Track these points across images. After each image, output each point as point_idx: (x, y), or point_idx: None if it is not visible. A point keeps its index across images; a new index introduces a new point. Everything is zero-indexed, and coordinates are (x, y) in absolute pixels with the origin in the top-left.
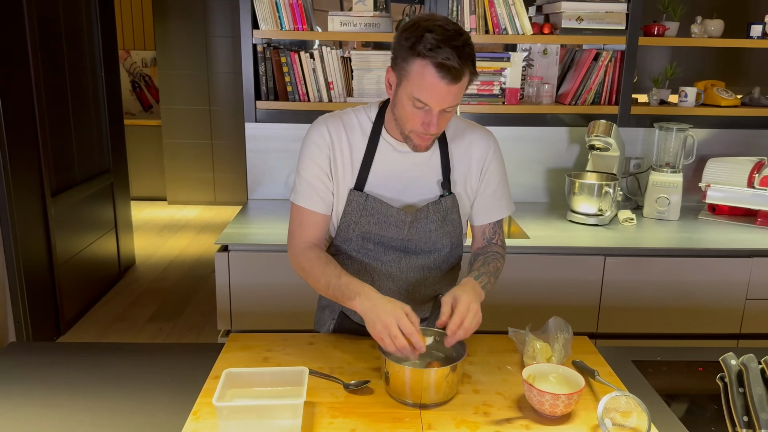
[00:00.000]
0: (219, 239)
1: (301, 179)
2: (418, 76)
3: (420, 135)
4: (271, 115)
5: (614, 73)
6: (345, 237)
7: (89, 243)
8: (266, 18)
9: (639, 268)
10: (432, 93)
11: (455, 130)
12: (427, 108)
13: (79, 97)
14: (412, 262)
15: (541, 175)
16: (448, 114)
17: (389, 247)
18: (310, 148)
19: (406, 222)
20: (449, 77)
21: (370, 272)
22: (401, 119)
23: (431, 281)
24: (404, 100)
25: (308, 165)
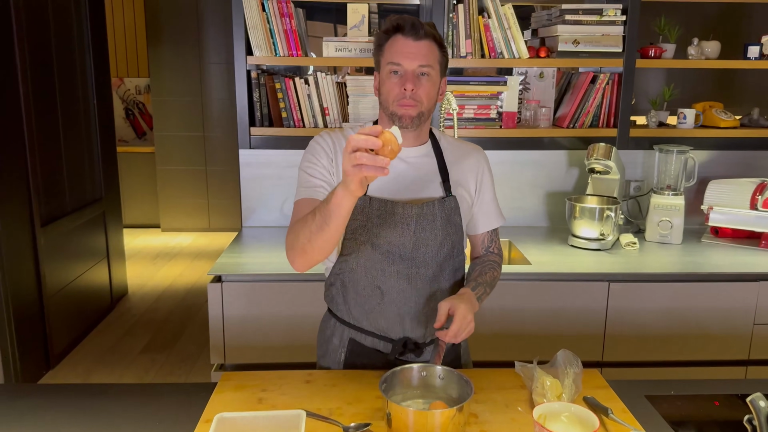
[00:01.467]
0: (212, 270)
1: (303, 178)
2: (390, 46)
3: (400, 101)
4: (266, 141)
5: (612, 96)
6: (352, 248)
7: (80, 273)
8: (260, 44)
9: (644, 294)
10: (400, 51)
11: (447, 142)
12: (402, 69)
13: (70, 125)
14: (420, 273)
15: (540, 198)
16: (424, 81)
17: (396, 256)
18: (313, 149)
19: (413, 215)
20: (412, 34)
21: (379, 287)
22: (385, 97)
23: (439, 296)
24: (384, 76)
25: (311, 164)
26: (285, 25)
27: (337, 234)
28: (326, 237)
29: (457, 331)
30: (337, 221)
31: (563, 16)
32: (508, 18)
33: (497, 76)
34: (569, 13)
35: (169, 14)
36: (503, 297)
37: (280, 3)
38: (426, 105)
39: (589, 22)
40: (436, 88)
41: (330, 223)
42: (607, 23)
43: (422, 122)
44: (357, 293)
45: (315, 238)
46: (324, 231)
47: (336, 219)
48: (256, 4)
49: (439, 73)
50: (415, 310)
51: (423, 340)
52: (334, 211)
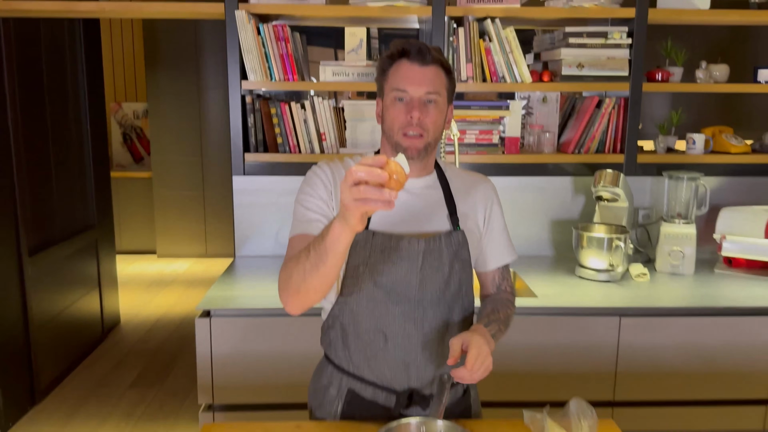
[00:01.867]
0: (200, 304)
1: (299, 212)
2: (395, 72)
3: (406, 129)
4: (261, 167)
5: (618, 121)
6: (353, 287)
7: (70, 303)
8: (255, 69)
9: (657, 329)
10: (407, 77)
11: (453, 172)
12: (407, 96)
13: (61, 151)
14: (427, 315)
15: (545, 226)
16: (431, 109)
17: (401, 296)
18: (310, 181)
19: (419, 251)
20: (418, 59)
21: (382, 330)
22: (389, 126)
23: (448, 339)
24: (388, 103)
25: (308, 197)
26: (281, 50)
27: (334, 272)
28: (322, 276)
29: (473, 364)
30: (334, 258)
31: (567, 39)
32: (510, 41)
33: (499, 101)
34: (573, 36)
35: (167, 39)
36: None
37: (276, 27)
38: (433, 134)
39: (593, 46)
40: (443, 115)
41: (326, 260)
42: (613, 46)
43: (429, 153)
44: (358, 337)
45: (310, 277)
46: (319, 269)
47: (333, 256)
48: (252, 27)
49: (446, 99)
50: (422, 356)
51: (431, 391)
52: (331, 248)
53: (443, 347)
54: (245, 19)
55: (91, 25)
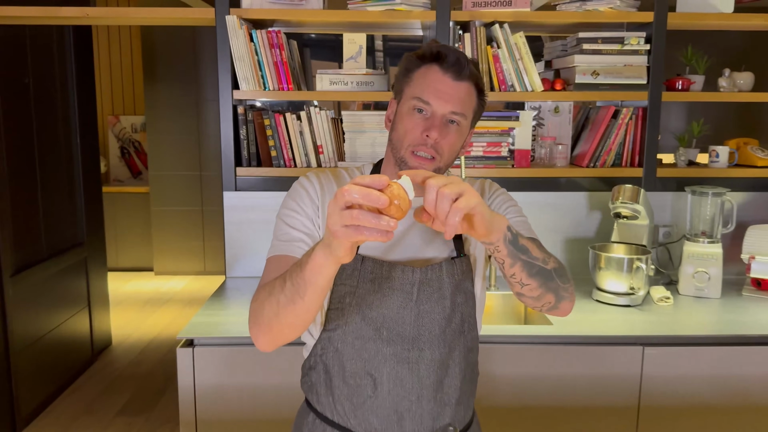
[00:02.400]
0: (183, 332)
1: (280, 229)
2: (422, 77)
3: (417, 147)
4: (253, 182)
5: (636, 132)
6: (338, 322)
7: (57, 325)
8: (247, 77)
9: (683, 359)
10: (435, 88)
11: None
12: (429, 110)
13: (49, 165)
14: (423, 357)
15: (558, 245)
16: (451, 131)
17: (394, 334)
18: (296, 194)
19: (415, 281)
20: (453, 71)
21: (371, 373)
22: (399, 137)
23: (447, 387)
24: (404, 111)
25: (291, 213)
26: (275, 57)
27: (314, 308)
28: (299, 312)
29: (436, 196)
30: (313, 293)
31: (580, 46)
32: (520, 48)
33: (508, 111)
34: (587, 41)
35: (165, 51)
36: (520, 363)
37: (270, 33)
38: (446, 159)
39: (609, 52)
40: (462, 140)
41: (304, 294)
42: (630, 53)
43: None
44: (343, 381)
45: (284, 312)
46: (296, 304)
47: (313, 290)
48: (243, 34)
49: (470, 123)
50: (417, 405)
51: None
52: (311, 280)
53: (442, 394)
54: (237, 24)
55: (82, 33)
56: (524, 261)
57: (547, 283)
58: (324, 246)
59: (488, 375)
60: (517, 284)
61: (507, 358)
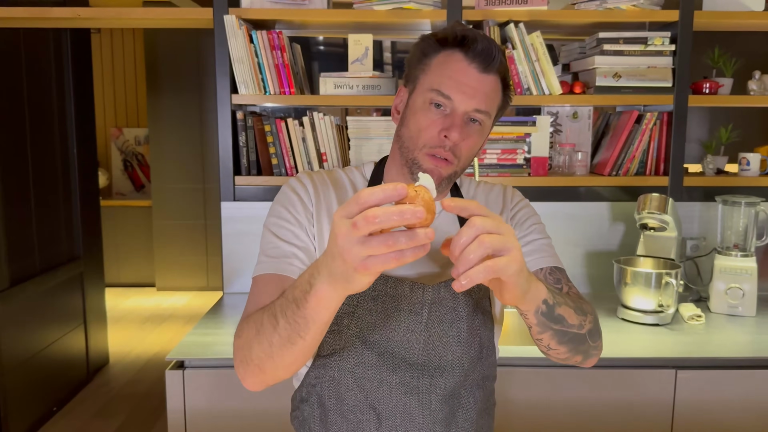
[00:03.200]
0: (172, 353)
1: (269, 242)
2: (442, 65)
3: (433, 150)
4: (253, 192)
5: (660, 138)
6: (335, 347)
7: (50, 342)
8: (247, 81)
9: (719, 384)
10: (458, 80)
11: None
12: (450, 106)
13: (44, 177)
14: (435, 386)
15: (578, 260)
16: (473, 132)
17: (400, 360)
18: (286, 199)
19: (425, 301)
20: (480, 61)
21: (374, 406)
22: (412, 135)
23: (462, 420)
24: (419, 104)
25: (282, 222)
26: (276, 59)
27: (315, 345)
28: (299, 353)
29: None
30: (317, 331)
31: (601, 46)
32: (537, 49)
33: (523, 116)
34: (608, 42)
35: (168, 63)
36: (540, 388)
37: (271, 34)
38: (463, 163)
39: (631, 53)
40: (483, 141)
41: (306, 334)
42: (654, 54)
43: (450, 183)
44: (342, 416)
45: (280, 354)
46: (296, 345)
47: (316, 327)
48: (243, 35)
49: (492, 122)
50: None
51: None
52: (314, 317)
53: (457, 429)
54: (236, 25)
55: (80, 41)
56: (556, 330)
57: (578, 347)
58: (332, 278)
59: (506, 401)
60: (544, 347)
61: (526, 383)
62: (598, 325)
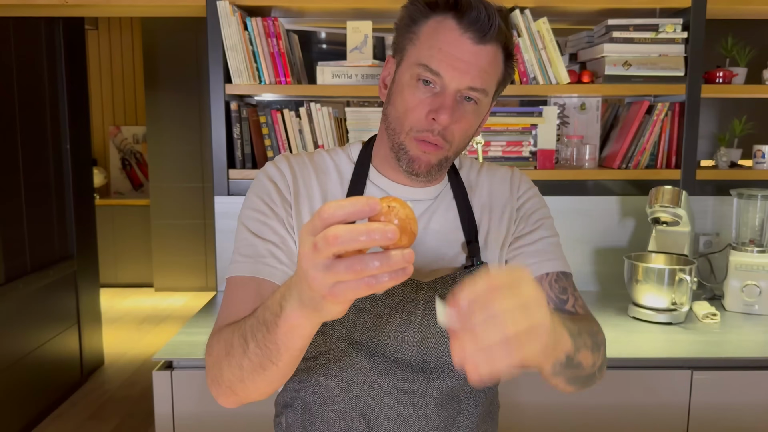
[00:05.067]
0: (159, 353)
1: (243, 238)
2: (431, 34)
3: (421, 134)
4: (247, 186)
5: (672, 130)
6: (320, 348)
7: (42, 343)
8: (240, 70)
9: (737, 385)
10: (448, 53)
11: (475, 175)
12: (439, 83)
13: (35, 175)
14: (430, 389)
15: (587, 256)
16: (467, 111)
17: (392, 362)
18: (262, 188)
19: (419, 298)
20: (475, 30)
21: (364, 412)
22: (398, 115)
23: (462, 424)
24: (405, 80)
25: (257, 215)
26: (272, 48)
27: (290, 372)
28: (272, 378)
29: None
30: (291, 357)
31: (610, 34)
32: (543, 36)
33: (529, 107)
34: (617, 29)
35: (167, 60)
36: (548, 389)
37: (266, 21)
38: (457, 147)
39: (642, 41)
40: (480, 119)
41: (278, 360)
42: (665, 41)
43: (443, 169)
44: (328, 423)
45: (251, 378)
46: (267, 370)
47: (290, 354)
48: (237, 21)
49: (491, 99)
50: None
51: None
52: (287, 344)
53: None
54: (229, 11)
55: (74, 35)
56: (569, 376)
57: (586, 383)
58: (302, 304)
59: (511, 405)
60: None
61: (533, 385)
62: (605, 349)
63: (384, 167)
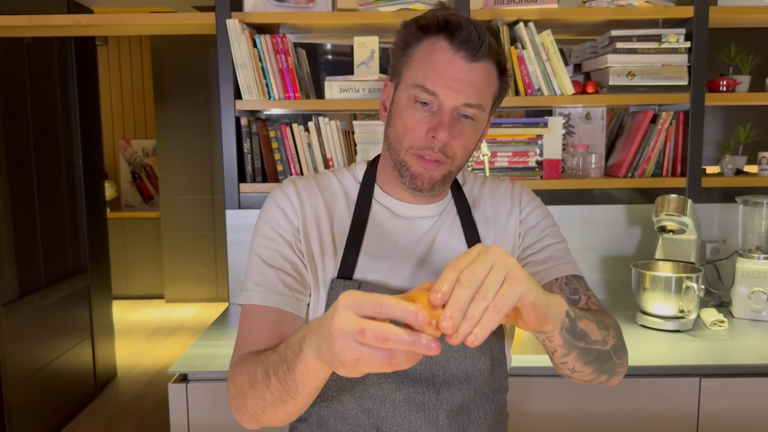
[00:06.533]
0: (175, 365)
1: (256, 266)
2: (424, 55)
3: (422, 151)
4: (258, 200)
5: (677, 138)
6: None
7: (56, 356)
8: (250, 86)
9: (746, 393)
10: (442, 73)
11: (478, 190)
12: (436, 103)
13: (49, 189)
14: (442, 402)
15: (595, 265)
16: (465, 128)
17: (403, 376)
18: (270, 216)
19: None
20: (467, 49)
21: (377, 425)
22: (398, 134)
23: None
24: (403, 101)
25: (268, 242)
26: (280, 64)
27: (308, 404)
28: (292, 410)
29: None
30: (309, 393)
31: (614, 44)
32: (547, 48)
33: (534, 117)
34: (621, 40)
35: (176, 74)
36: (556, 399)
37: (275, 38)
38: (459, 162)
39: (645, 51)
40: (479, 134)
41: (296, 395)
42: (668, 51)
43: (446, 184)
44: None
45: (273, 409)
46: (287, 403)
47: (307, 391)
48: (246, 39)
49: (488, 113)
50: None
51: None
52: (305, 382)
53: None
54: (238, 29)
55: (85, 51)
56: (581, 348)
57: (603, 366)
58: (320, 354)
59: (520, 414)
60: (568, 370)
61: (542, 394)
62: (622, 340)
63: (388, 186)
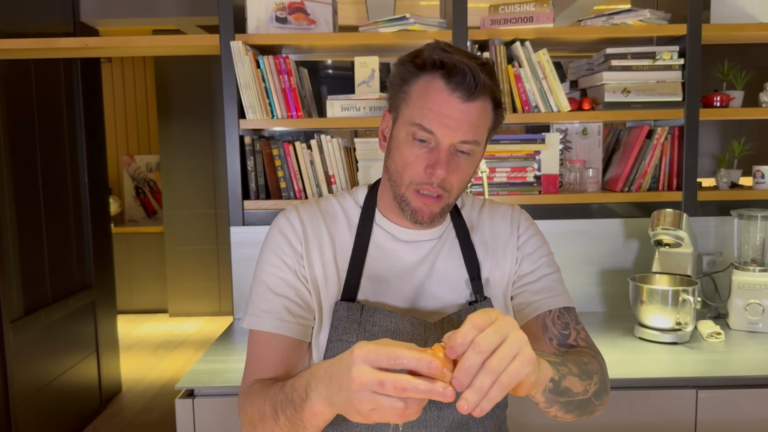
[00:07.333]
0: (182, 381)
1: (260, 291)
2: (421, 93)
3: (420, 186)
4: (262, 216)
5: (672, 153)
6: None
7: (63, 372)
8: (254, 106)
9: (743, 404)
10: (439, 112)
11: (476, 214)
12: (433, 141)
13: (55, 205)
14: (444, 416)
15: (593, 278)
16: (461, 163)
17: None
18: (274, 243)
19: (427, 339)
20: (462, 89)
21: None
22: (398, 169)
23: None
24: (402, 137)
25: (272, 269)
26: (283, 84)
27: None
28: None
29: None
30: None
31: (609, 62)
32: (543, 66)
33: (532, 134)
34: (616, 57)
35: (179, 90)
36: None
37: (278, 59)
38: (456, 193)
39: (640, 68)
40: (476, 165)
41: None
42: (662, 68)
43: (445, 214)
44: None
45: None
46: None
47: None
48: (250, 60)
49: (484, 146)
50: None
51: None
52: (311, 422)
53: None
54: (242, 50)
55: (90, 69)
56: (563, 402)
57: (585, 410)
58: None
59: (520, 427)
60: (551, 416)
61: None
62: (605, 380)
63: (389, 212)
